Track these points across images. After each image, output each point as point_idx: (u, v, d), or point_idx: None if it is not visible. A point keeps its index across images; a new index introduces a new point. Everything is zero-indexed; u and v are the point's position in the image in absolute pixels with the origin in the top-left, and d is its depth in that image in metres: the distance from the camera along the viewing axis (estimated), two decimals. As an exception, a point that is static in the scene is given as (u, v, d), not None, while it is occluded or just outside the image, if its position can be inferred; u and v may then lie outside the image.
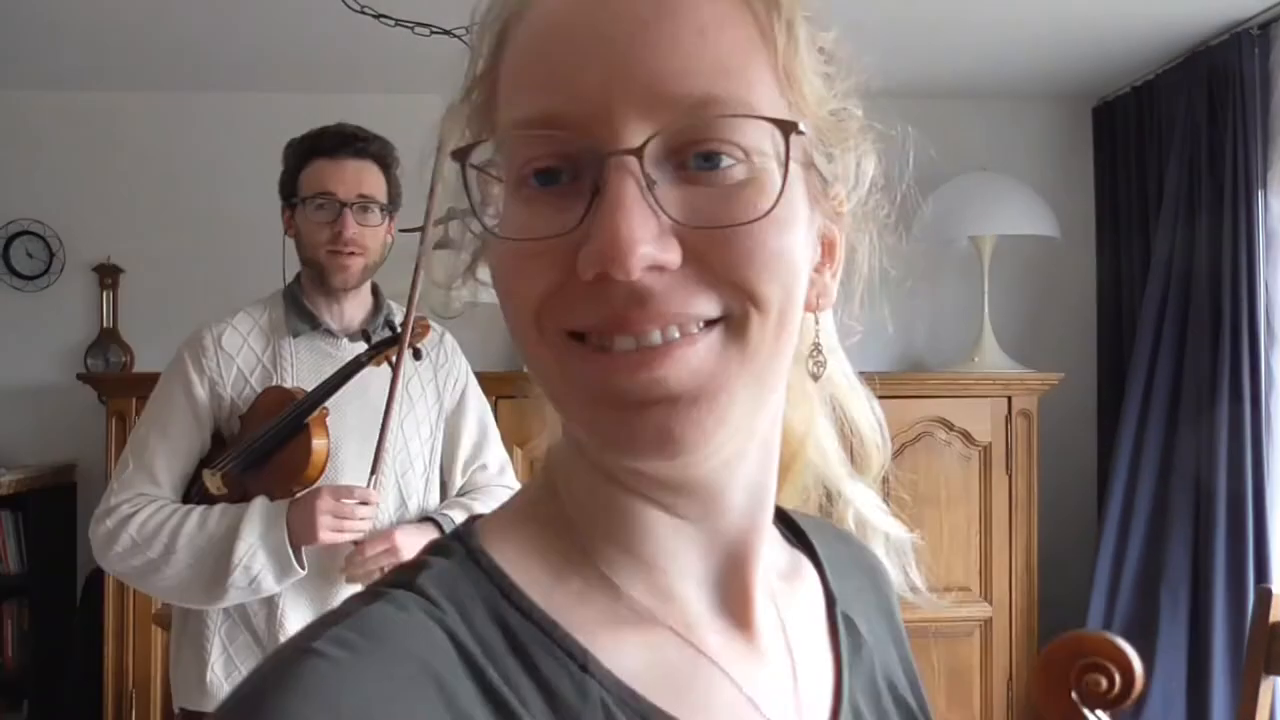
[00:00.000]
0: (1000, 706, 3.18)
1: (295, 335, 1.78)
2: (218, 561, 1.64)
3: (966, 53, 3.20)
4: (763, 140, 0.47)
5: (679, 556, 0.53)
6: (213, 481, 1.71)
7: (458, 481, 1.90)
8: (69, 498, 3.51)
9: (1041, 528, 3.22)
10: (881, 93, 0.64)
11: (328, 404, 1.71)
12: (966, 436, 3.26)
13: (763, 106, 0.46)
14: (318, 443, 1.68)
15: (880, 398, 0.90)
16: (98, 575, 3.15)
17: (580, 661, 0.48)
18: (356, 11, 2.32)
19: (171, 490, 1.73)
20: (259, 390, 1.75)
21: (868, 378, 1.05)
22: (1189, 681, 2.94)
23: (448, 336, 1.94)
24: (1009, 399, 3.25)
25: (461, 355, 1.95)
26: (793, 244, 0.47)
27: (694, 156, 0.46)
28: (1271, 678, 1.77)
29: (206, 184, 3.47)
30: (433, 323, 1.94)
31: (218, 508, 1.69)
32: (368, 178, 1.78)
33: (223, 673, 1.73)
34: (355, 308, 1.83)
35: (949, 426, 3.26)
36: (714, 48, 0.46)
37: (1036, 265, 3.65)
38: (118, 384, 3.17)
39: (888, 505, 0.68)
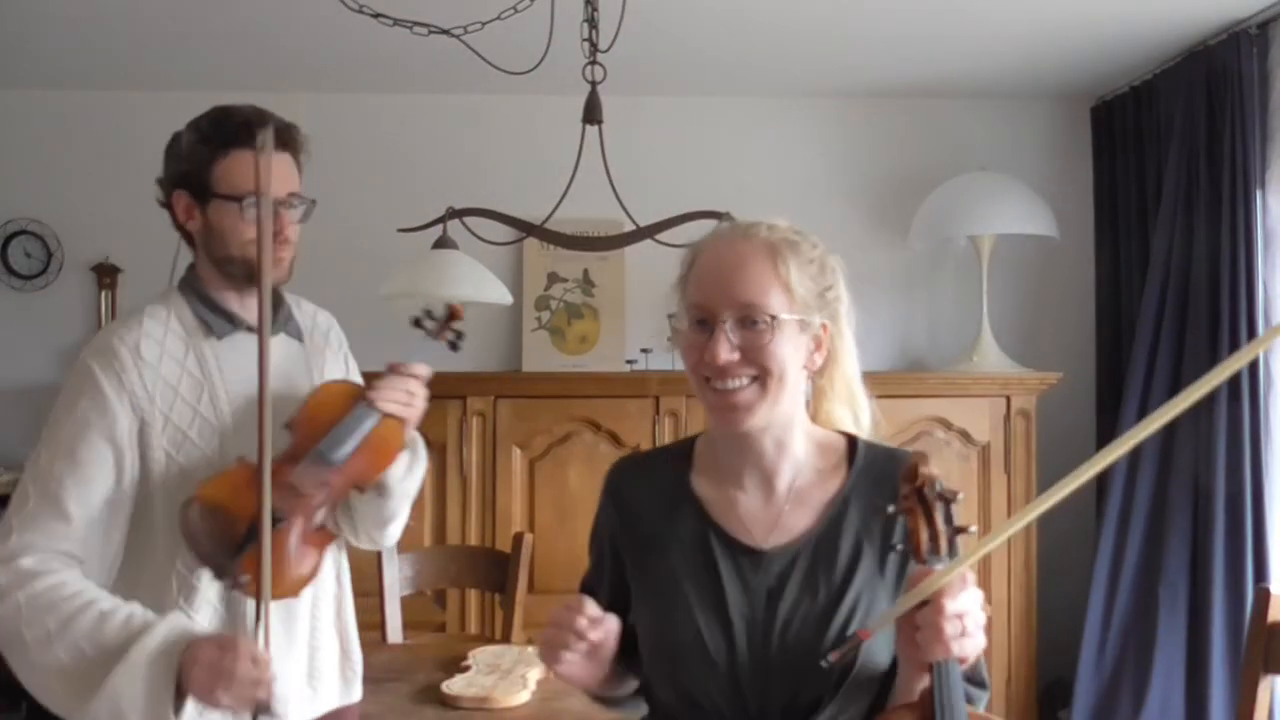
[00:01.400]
0: (999, 705, 3.18)
1: (220, 337, 1.61)
2: (89, 675, 1.38)
3: (966, 53, 3.20)
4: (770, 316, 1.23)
5: (747, 464, 1.30)
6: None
7: None
8: (68, 497, 3.50)
9: (1040, 527, 3.22)
10: (882, 93, 0.65)
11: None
12: (965, 436, 3.26)
13: (772, 305, 1.21)
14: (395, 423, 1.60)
15: (879, 397, 1.38)
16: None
17: (690, 490, 1.32)
18: (355, 11, 2.32)
19: (85, 526, 1.46)
20: (192, 403, 1.55)
21: (868, 377, 1.39)
22: (1187, 681, 2.94)
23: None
24: (1007, 398, 3.26)
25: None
26: (784, 350, 1.21)
27: (749, 322, 1.21)
28: (1270, 677, 1.77)
29: (205, 184, 3.46)
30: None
31: (123, 613, 1.42)
32: (290, 172, 1.65)
33: (195, 715, 1.45)
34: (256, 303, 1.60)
35: (947, 426, 3.26)
36: (757, 282, 1.21)
37: (1035, 265, 3.65)
38: (116, 384, 3.16)
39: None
